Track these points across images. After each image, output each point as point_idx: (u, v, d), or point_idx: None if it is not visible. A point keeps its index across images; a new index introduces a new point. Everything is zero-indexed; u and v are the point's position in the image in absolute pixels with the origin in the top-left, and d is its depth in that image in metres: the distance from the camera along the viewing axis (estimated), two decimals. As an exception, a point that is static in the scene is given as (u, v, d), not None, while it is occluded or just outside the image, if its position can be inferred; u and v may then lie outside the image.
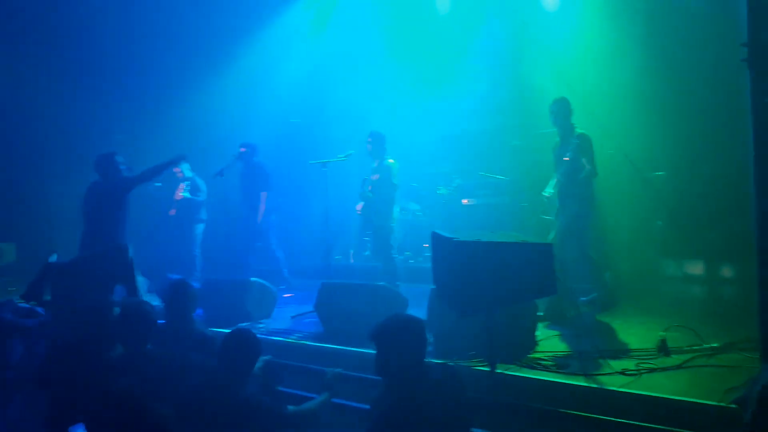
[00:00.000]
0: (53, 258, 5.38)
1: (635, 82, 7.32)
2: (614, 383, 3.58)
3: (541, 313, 5.28)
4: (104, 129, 9.72)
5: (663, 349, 4.10)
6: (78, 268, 5.13)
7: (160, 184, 9.17)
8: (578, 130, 5.49)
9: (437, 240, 3.50)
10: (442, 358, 4.33)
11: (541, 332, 4.89)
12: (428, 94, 9.44)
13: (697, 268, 6.49)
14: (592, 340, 4.66)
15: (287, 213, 9.02)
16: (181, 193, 8.75)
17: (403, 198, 8.96)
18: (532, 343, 4.54)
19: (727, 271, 6.27)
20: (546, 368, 3.90)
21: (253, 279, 6.22)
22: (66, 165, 9.13)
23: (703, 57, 6.44)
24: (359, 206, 6.56)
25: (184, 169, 8.90)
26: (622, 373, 3.71)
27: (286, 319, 6.16)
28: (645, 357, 4.04)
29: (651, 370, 3.75)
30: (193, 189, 8.82)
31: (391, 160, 6.50)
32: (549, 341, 4.68)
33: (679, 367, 3.82)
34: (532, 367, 3.94)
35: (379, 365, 2.70)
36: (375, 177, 6.45)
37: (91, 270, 5.07)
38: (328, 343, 5.06)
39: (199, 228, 8.92)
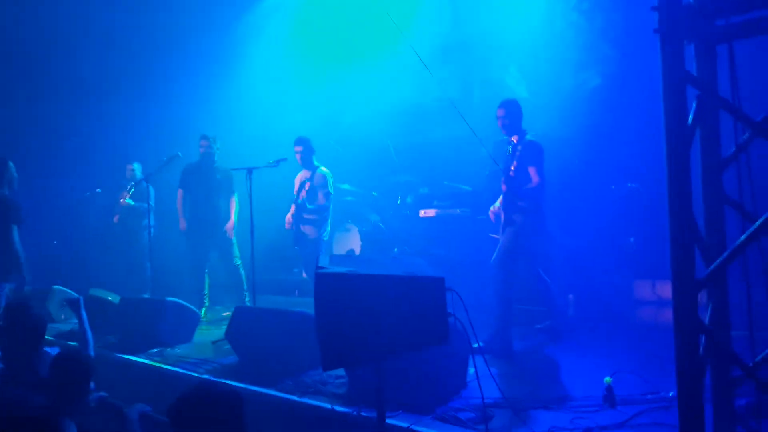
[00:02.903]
0: None
1: (609, 83, 6.69)
2: (536, 448, 2.88)
3: (481, 344, 4.60)
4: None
5: (609, 398, 3.39)
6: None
7: (100, 190, 8.51)
8: (528, 137, 4.83)
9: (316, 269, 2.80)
10: (355, 403, 3.64)
11: (479, 368, 4.18)
12: (396, 100, 8.83)
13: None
14: (533, 381, 3.97)
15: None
16: (126, 199, 8.08)
17: (363, 208, 8.34)
18: (460, 385, 3.84)
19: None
20: (461, 423, 3.20)
21: (168, 299, 5.54)
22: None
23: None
24: (288, 218, 5.91)
25: (136, 169, 8.20)
26: (548, 433, 3.00)
27: (206, 345, 5.49)
28: (584, 408, 3.33)
29: (586, 431, 3.03)
30: (140, 194, 8.14)
31: (324, 169, 5.85)
32: (483, 381, 3.95)
33: (622, 425, 3.10)
34: (446, 421, 3.24)
35: None
36: (307, 186, 5.81)
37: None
38: (234, 379, 4.37)
39: (146, 236, 8.25)
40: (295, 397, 3.82)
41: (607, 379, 3.46)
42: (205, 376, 4.48)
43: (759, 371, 2.09)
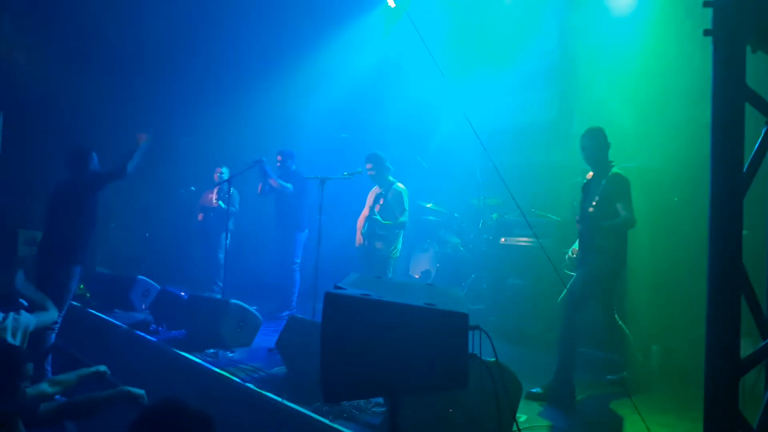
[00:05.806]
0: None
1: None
2: None
3: (539, 390, 4.21)
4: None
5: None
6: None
7: (194, 188, 8.85)
8: (614, 170, 4.40)
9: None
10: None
11: (529, 418, 3.82)
12: (490, 120, 8.52)
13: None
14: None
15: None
16: (218, 201, 8.35)
17: (444, 229, 8.07)
18: (504, 434, 3.48)
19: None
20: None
21: (232, 301, 5.57)
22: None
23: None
24: (359, 237, 5.79)
25: (224, 172, 8.48)
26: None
27: (263, 351, 5.47)
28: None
29: None
30: (228, 198, 8.39)
31: (400, 185, 5.69)
32: (532, 432, 3.60)
33: None
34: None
35: None
36: (381, 201, 5.66)
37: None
38: (275, 392, 4.29)
39: (224, 239, 8.48)
40: (326, 420, 3.66)
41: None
42: (249, 385, 4.43)
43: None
